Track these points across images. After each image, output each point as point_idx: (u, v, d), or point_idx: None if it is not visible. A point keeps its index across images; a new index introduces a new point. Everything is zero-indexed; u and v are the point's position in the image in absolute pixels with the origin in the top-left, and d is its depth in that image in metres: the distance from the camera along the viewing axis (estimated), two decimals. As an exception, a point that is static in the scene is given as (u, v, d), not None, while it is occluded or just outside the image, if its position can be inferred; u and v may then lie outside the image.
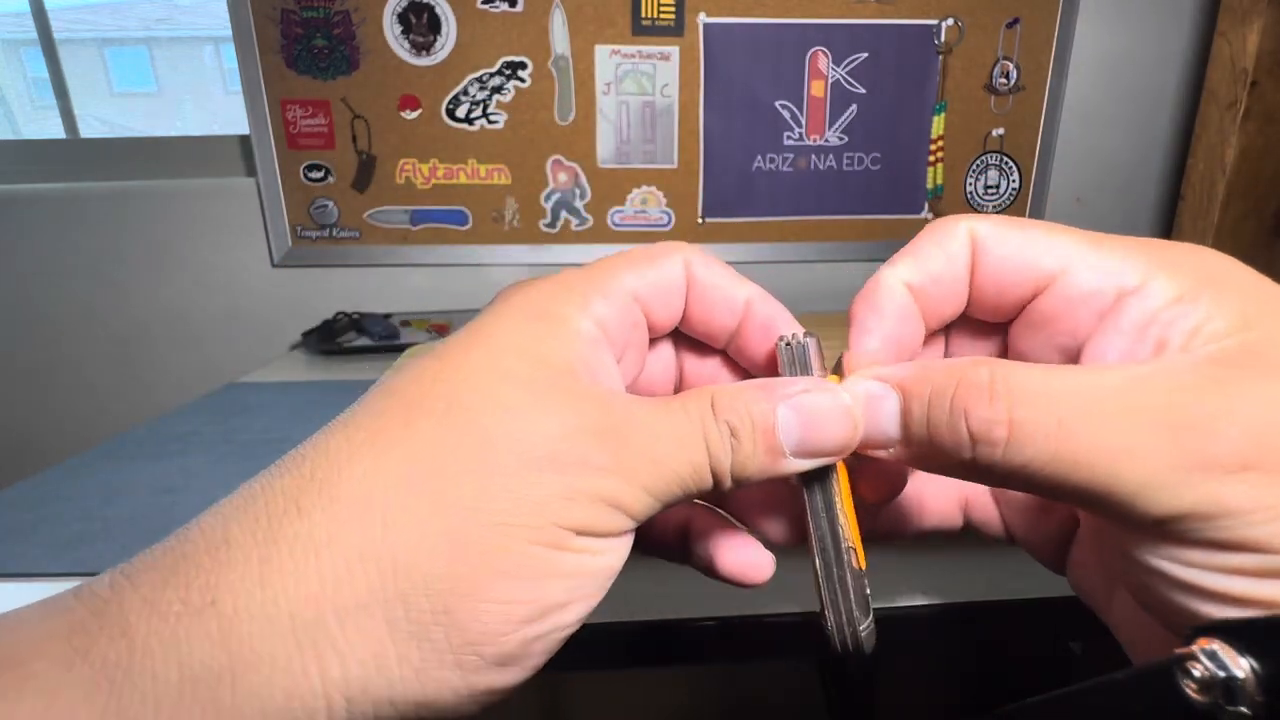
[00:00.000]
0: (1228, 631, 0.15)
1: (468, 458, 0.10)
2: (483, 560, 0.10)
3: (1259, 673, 0.14)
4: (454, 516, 0.10)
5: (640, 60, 0.65)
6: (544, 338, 0.11)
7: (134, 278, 0.71)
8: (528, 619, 0.10)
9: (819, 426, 0.11)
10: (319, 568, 0.10)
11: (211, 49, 2.58)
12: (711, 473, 0.11)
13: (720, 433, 0.11)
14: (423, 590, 0.10)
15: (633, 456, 0.11)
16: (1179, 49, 0.69)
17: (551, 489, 0.10)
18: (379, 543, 0.10)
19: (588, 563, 0.11)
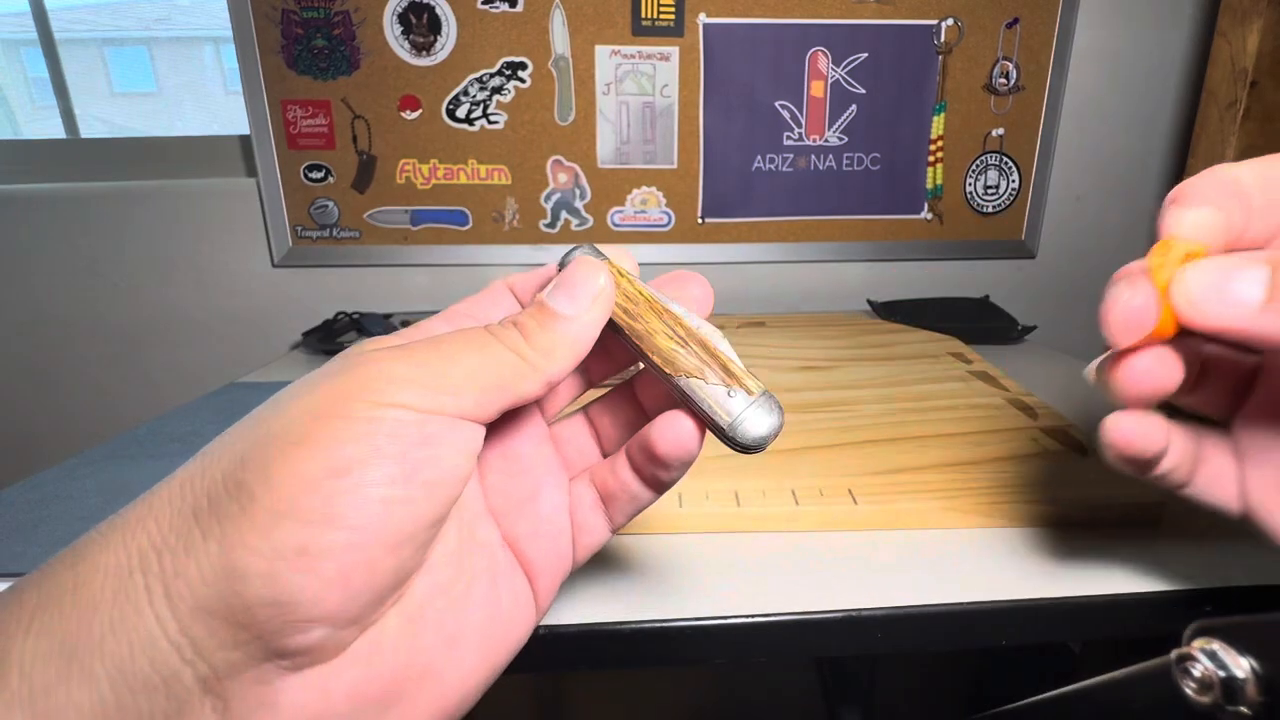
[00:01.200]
0: (1228, 631, 0.15)
1: (283, 402, 0.12)
2: (270, 440, 0.11)
3: (1259, 672, 0.14)
4: (259, 426, 0.12)
5: (640, 60, 0.65)
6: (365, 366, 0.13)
7: (134, 278, 0.71)
8: (321, 473, 0.11)
9: (574, 281, 0.14)
10: (151, 497, 0.12)
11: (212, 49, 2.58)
12: (512, 353, 0.13)
13: (503, 328, 0.14)
14: (220, 479, 0.11)
15: (435, 355, 0.13)
16: (1179, 49, 0.69)
17: (358, 377, 0.12)
18: (197, 466, 0.12)
19: (385, 432, 0.11)
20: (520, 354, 0.13)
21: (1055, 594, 0.24)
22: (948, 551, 0.26)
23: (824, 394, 0.39)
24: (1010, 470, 0.30)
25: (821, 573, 0.25)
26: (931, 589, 0.24)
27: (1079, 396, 0.44)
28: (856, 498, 0.28)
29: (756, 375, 0.15)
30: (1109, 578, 0.25)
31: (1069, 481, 0.29)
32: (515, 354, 0.13)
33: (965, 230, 0.72)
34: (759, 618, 0.23)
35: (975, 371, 0.43)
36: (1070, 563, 0.25)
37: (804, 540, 0.27)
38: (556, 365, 0.14)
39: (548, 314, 0.14)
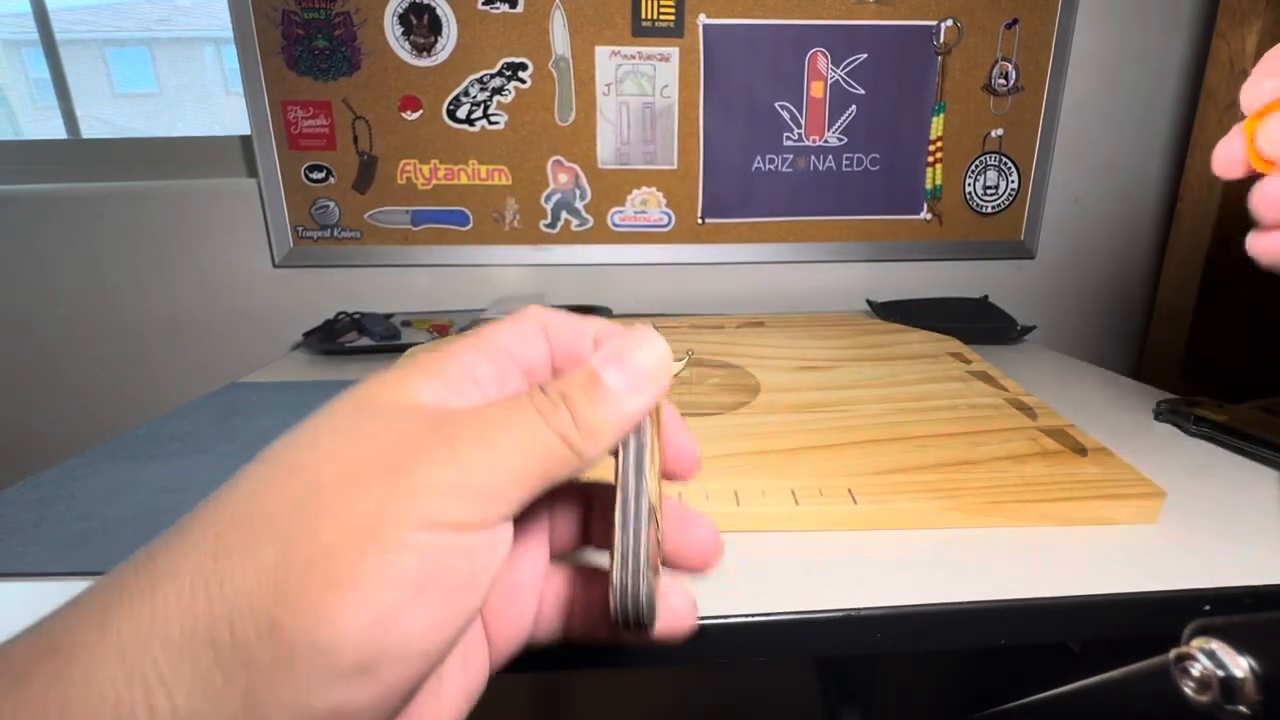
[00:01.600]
0: (1227, 631, 0.15)
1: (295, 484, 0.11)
2: (312, 573, 0.10)
3: (1258, 672, 0.14)
4: (281, 537, 0.10)
5: (640, 61, 0.65)
6: (402, 383, 0.12)
7: (135, 278, 0.71)
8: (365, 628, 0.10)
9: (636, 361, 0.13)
10: (152, 604, 0.10)
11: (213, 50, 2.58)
12: (558, 436, 0.12)
13: (551, 401, 0.12)
14: (246, 610, 0.10)
15: (463, 444, 0.11)
16: (1178, 50, 0.69)
17: (383, 491, 0.10)
18: (209, 571, 0.10)
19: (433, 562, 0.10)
20: (567, 439, 0.12)
21: (1055, 594, 0.24)
22: (947, 551, 0.26)
23: (824, 394, 0.39)
24: (1009, 470, 0.30)
25: (821, 572, 0.25)
26: (931, 589, 0.24)
27: (1078, 396, 0.44)
28: (856, 497, 0.28)
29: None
30: (1108, 578, 0.25)
31: (1068, 481, 0.29)
32: (561, 439, 0.12)
33: (964, 230, 0.72)
34: (759, 617, 0.23)
35: (974, 371, 0.43)
36: (1070, 563, 0.25)
37: (804, 540, 0.27)
38: (599, 449, 0.12)
39: (600, 391, 0.12)
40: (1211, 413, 0.36)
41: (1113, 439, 0.33)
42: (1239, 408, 0.36)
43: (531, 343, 0.15)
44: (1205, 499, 0.30)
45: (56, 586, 0.26)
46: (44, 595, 0.25)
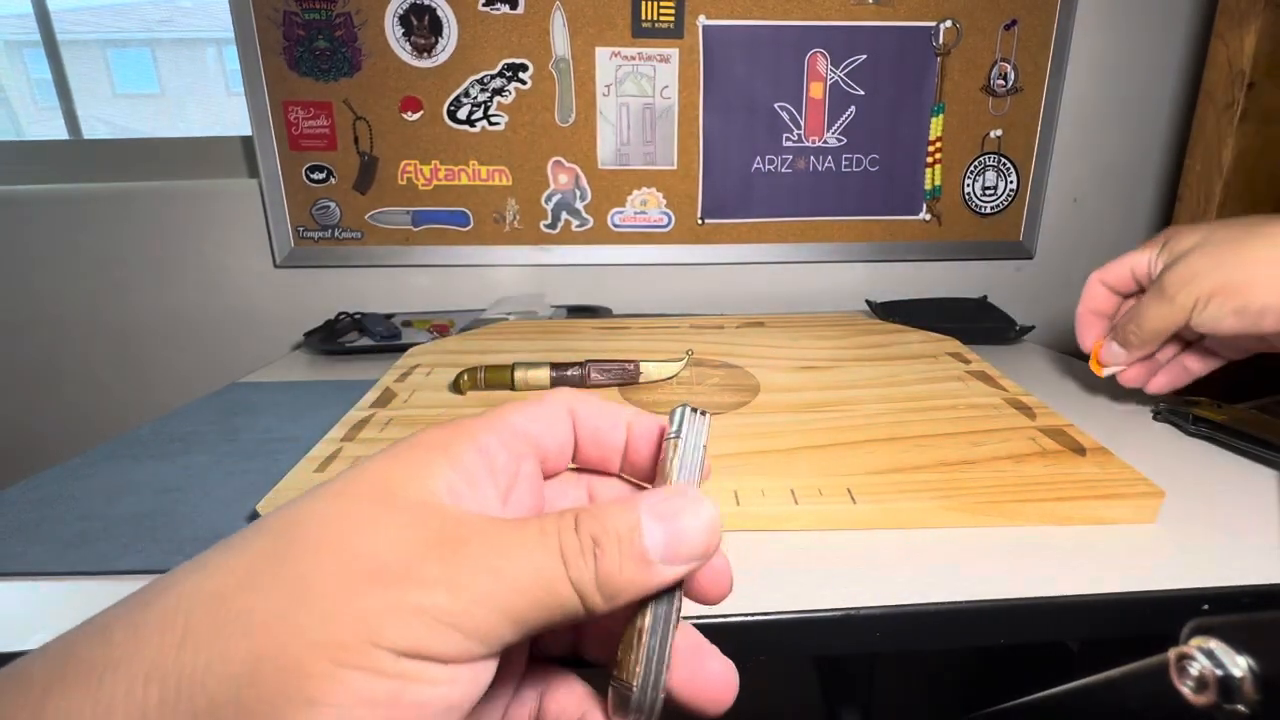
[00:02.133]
0: (1225, 630, 0.15)
1: (287, 572, 0.10)
2: (282, 683, 0.09)
3: (1256, 671, 0.14)
4: (260, 634, 0.09)
5: (640, 62, 0.65)
6: (410, 474, 0.11)
7: (136, 278, 0.71)
8: None
9: (685, 532, 0.11)
10: (98, 693, 0.09)
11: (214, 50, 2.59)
12: (573, 587, 0.10)
13: (581, 544, 0.11)
14: (206, 711, 0.09)
15: (471, 567, 0.10)
16: (1176, 51, 0.70)
17: (370, 604, 0.09)
18: (170, 661, 0.09)
19: (411, 692, 0.09)
20: (583, 593, 0.11)
21: (1053, 593, 0.24)
22: (946, 551, 0.26)
23: (823, 394, 0.39)
24: (1008, 470, 0.30)
25: (820, 572, 0.25)
26: (930, 588, 0.24)
27: (1077, 396, 0.44)
28: (855, 497, 0.28)
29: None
30: (1107, 577, 0.25)
31: (1067, 481, 0.29)
32: (577, 591, 0.11)
33: (964, 231, 0.72)
34: (758, 617, 0.23)
35: (974, 371, 0.43)
36: (1068, 562, 0.26)
37: (803, 540, 0.27)
38: (611, 609, 0.11)
39: (636, 550, 0.11)
40: (1210, 413, 0.36)
41: (1111, 439, 0.33)
42: (1237, 408, 0.36)
43: (554, 426, 0.14)
44: (1204, 499, 0.30)
45: (57, 586, 0.26)
46: (44, 595, 0.25)
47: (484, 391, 0.41)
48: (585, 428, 0.14)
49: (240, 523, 0.29)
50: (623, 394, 0.40)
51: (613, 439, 0.14)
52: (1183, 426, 0.37)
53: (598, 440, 0.14)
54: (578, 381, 0.41)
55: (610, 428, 0.14)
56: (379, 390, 0.41)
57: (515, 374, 0.40)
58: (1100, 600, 0.24)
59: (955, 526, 0.28)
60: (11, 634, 0.23)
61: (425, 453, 0.12)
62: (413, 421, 0.37)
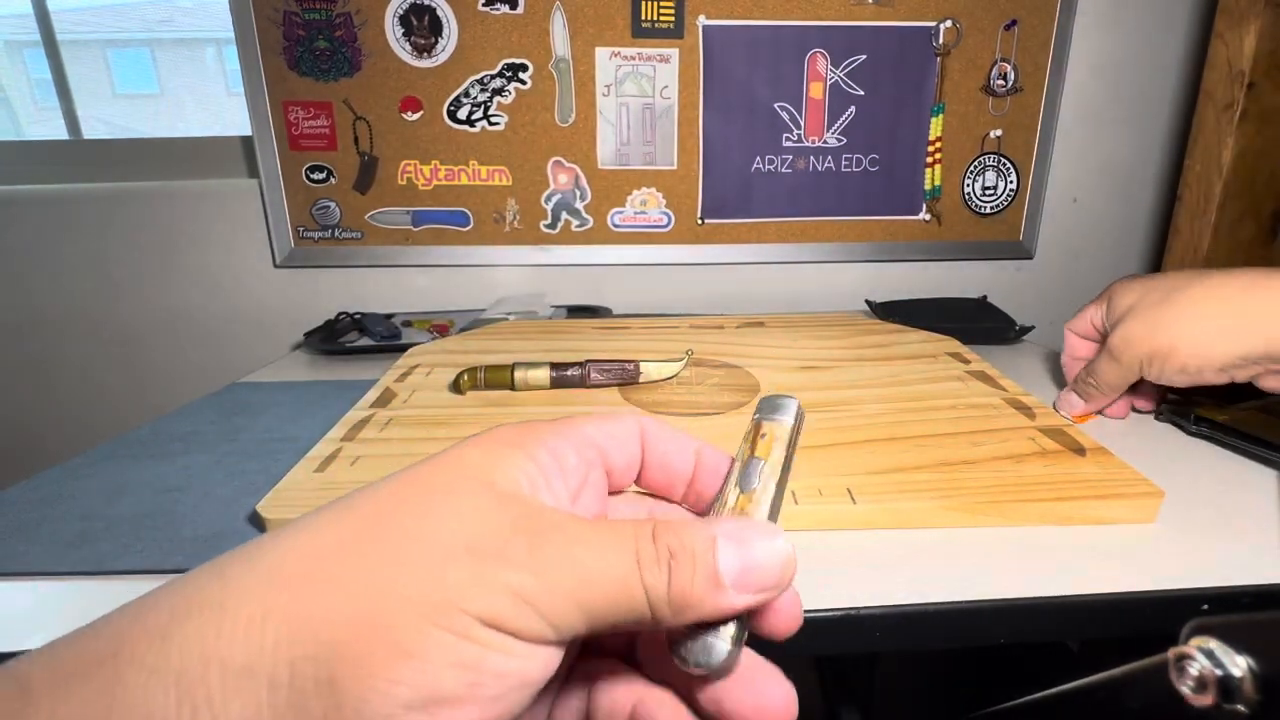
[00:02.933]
0: (1225, 630, 0.15)
1: (390, 542, 0.11)
2: (379, 635, 0.10)
3: (1255, 671, 0.14)
4: (362, 592, 0.10)
5: (640, 62, 0.65)
6: (495, 462, 0.12)
7: (136, 278, 0.71)
8: (412, 704, 0.10)
9: (759, 562, 0.11)
10: (219, 625, 0.10)
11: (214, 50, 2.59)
12: (645, 594, 0.11)
13: (657, 554, 0.11)
14: (312, 656, 0.09)
15: (554, 555, 0.11)
16: (1176, 51, 0.70)
17: (463, 574, 0.10)
18: (283, 607, 0.10)
19: (492, 660, 0.10)
20: (654, 601, 0.11)
21: (1053, 593, 0.24)
22: (946, 551, 0.26)
23: (823, 394, 0.39)
24: (1008, 470, 0.30)
25: (820, 572, 0.25)
26: (930, 588, 0.24)
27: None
28: (855, 497, 0.28)
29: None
30: (1107, 577, 0.25)
31: (1066, 481, 0.29)
32: (648, 598, 0.11)
33: (963, 231, 0.72)
34: (758, 616, 0.23)
35: (973, 371, 0.43)
36: (1068, 562, 0.26)
37: (803, 539, 0.27)
38: (677, 623, 0.11)
39: (710, 578, 0.11)
40: (1212, 412, 0.36)
41: (1113, 439, 0.33)
42: (1239, 407, 0.36)
43: (623, 444, 0.14)
44: (1204, 498, 0.30)
45: (57, 586, 0.26)
46: (44, 595, 0.25)
47: (484, 391, 0.41)
48: (654, 451, 0.14)
49: (240, 523, 0.29)
50: (623, 394, 0.40)
51: (680, 467, 0.15)
52: (1184, 426, 0.37)
53: (665, 465, 0.14)
54: (577, 382, 0.41)
55: (679, 455, 0.14)
56: (379, 390, 0.41)
57: (515, 374, 0.40)
58: (1100, 600, 0.24)
59: (955, 526, 0.28)
60: (11, 634, 0.23)
61: (503, 447, 0.12)
62: (413, 421, 0.37)
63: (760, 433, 0.14)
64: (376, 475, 0.12)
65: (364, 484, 0.12)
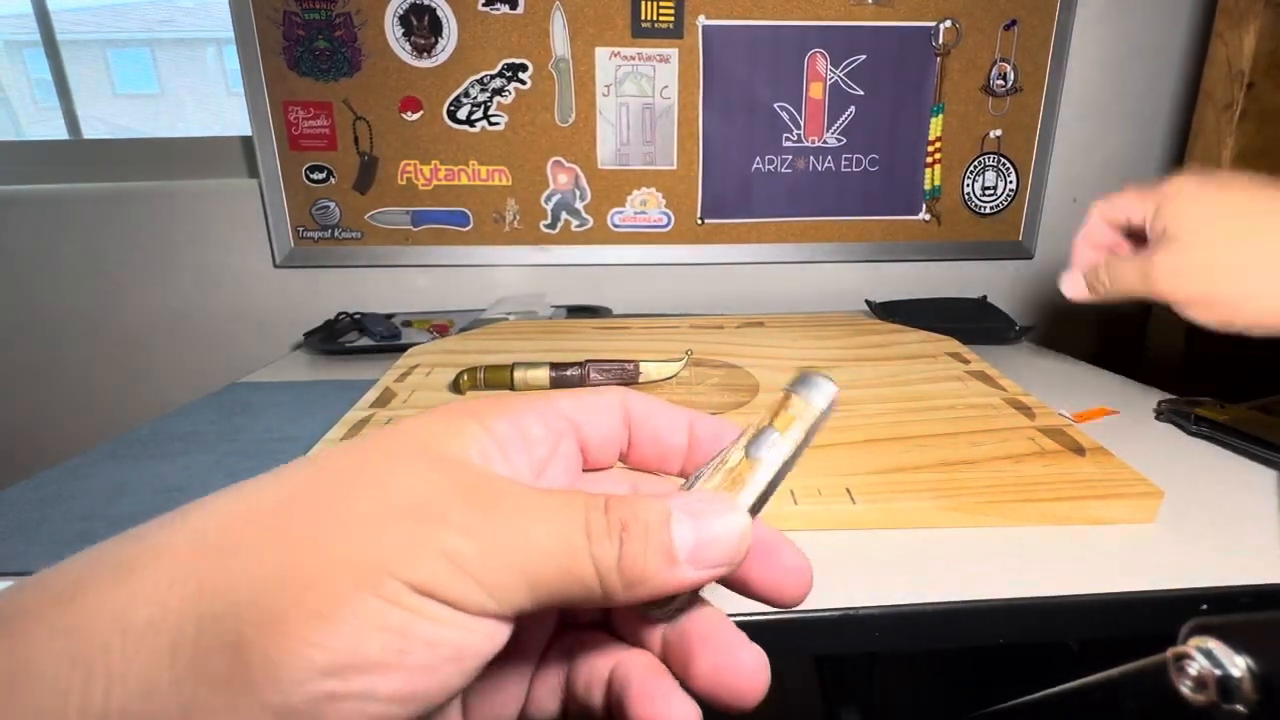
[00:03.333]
0: (1224, 630, 0.15)
1: (322, 505, 0.10)
2: (293, 595, 0.09)
3: (1255, 671, 0.14)
4: (287, 550, 0.09)
5: (640, 62, 0.65)
6: (445, 432, 0.11)
7: (136, 278, 0.71)
8: (328, 669, 0.09)
9: (715, 537, 0.11)
10: (129, 588, 0.09)
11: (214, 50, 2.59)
12: (595, 567, 0.10)
13: (608, 525, 0.11)
14: (219, 615, 0.09)
15: (499, 523, 0.10)
16: (1176, 51, 0.70)
17: (398, 536, 0.10)
18: (196, 568, 0.09)
19: (421, 628, 0.09)
20: (603, 574, 0.10)
21: (1053, 593, 0.24)
22: (945, 551, 0.26)
23: (823, 394, 0.39)
24: (1007, 470, 0.30)
25: (820, 572, 0.25)
26: (930, 588, 0.24)
27: (1077, 396, 0.44)
28: (855, 497, 0.28)
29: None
30: (1106, 577, 0.25)
31: (1066, 481, 0.29)
32: (598, 571, 0.10)
33: (963, 231, 0.72)
34: (758, 617, 0.23)
35: (973, 371, 0.43)
36: (1068, 562, 0.26)
37: (802, 540, 0.27)
38: (626, 600, 0.11)
39: (663, 553, 0.11)
40: (1212, 412, 0.36)
41: (1113, 438, 0.33)
42: (1239, 407, 0.36)
43: (601, 418, 0.14)
44: (1204, 498, 0.30)
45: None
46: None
47: (484, 391, 0.41)
48: (642, 426, 0.14)
49: (240, 523, 0.29)
50: (622, 394, 0.40)
51: (673, 440, 0.14)
52: (1184, 426, 0.37)
53: (656, 439, 0.14)
54: (577, 381, 0.41)
55: (670, 428, 0.14)
56: (379, 390, 0.41)
57: (515, 374, 0.40)
58: (1099, 600, 0.24)
59: (955, 526, 0.28)
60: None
61: (459, 417, 0.12)
62: (413, 421, 0.37)
63: (787, 406, 0.13)
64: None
65: None
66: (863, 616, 0.23)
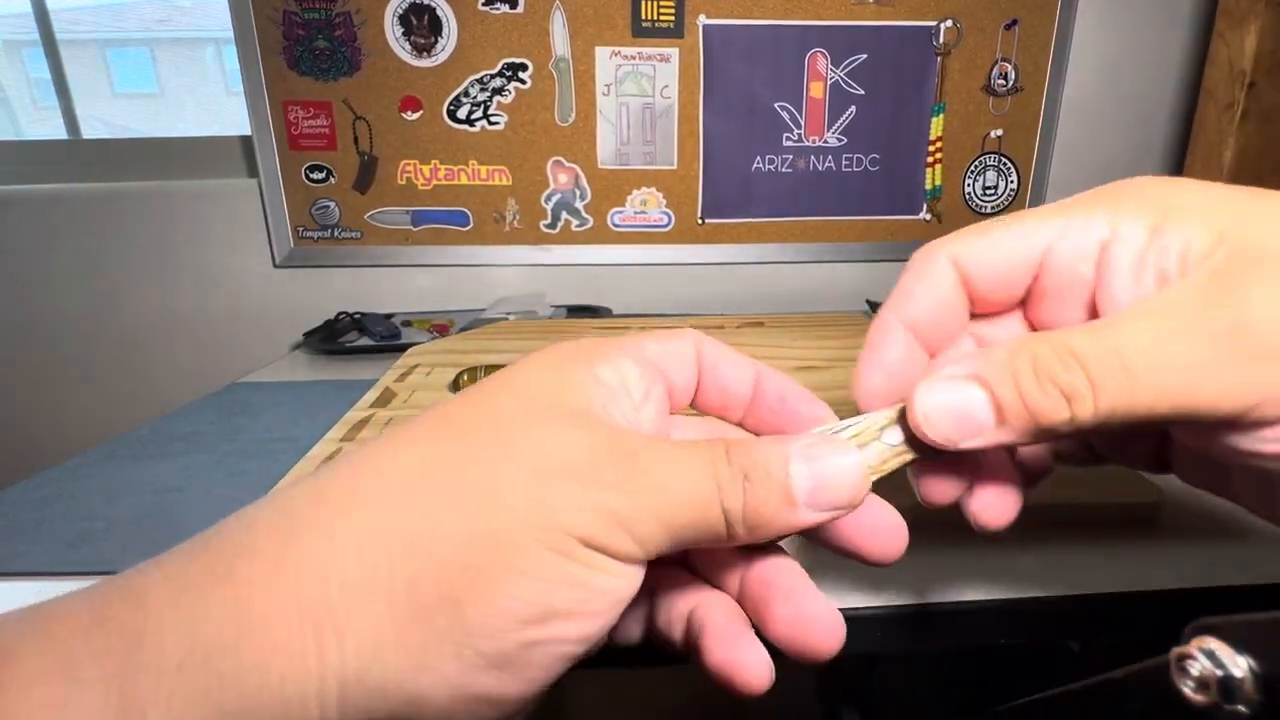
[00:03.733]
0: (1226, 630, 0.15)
1: (489, 461, 0.11)
2: (494, 554, 0.10)
3: (1257, 671, 0.14)
4: (471, 509, 0.10)
5: (640, 62, 0.65)
6: (565, 383, 0.12)
7: (136, 278, 0.71)
8: (531, 620, 0.10)
9: (831, 479, 0.12)
10: (331, 545, 0.10)
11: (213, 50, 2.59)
12: (723, 513, 0.11)
13: (732, 474, 0.11)
14: (432, 575, 0.10)
15: (642, 479, 0.11)
16: (1177, 50, 0.70)
17: (564, 496, 0.11)
18: (393, 524, 0.10)
19: (594, 578, 0.11)
20: (730, 521, 0.11)
21: (1054, 594, 0.24)
22: (947, 551, 0.26)
23: (823, 394, 0.39)
24: (1009, 470, 0.30)
25: (820, 572, 0.25)
26: (930, 588, 0.24)
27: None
28: (856, 497, 0.28)
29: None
30: (1108, 578, 0.25)
31: (1068, 481, 0.29)
32: (726, 518, 0.11)
33: (965, 231, 0.72)
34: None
35: (975, 372, 0.42)
36: (1069, 563, 0.26)
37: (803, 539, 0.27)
38: (750, 539, 0.12)
39: (783, 497, 0.11)
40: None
41: (1112, 439, 0.33)
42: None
43: (681, 363, 0.14)
44: (1204, 498, 0.30)
45: (57, 586, 0.26)
46: (44, 595, 0.25)
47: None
48: (709, 369, 0.14)
49: (240, 523, 0.29)
50: (623, 394, 0.40)
51: (738, 389, 0.15)
52: (1183, 426, 0.37)
53: (721, 387, 0.14)
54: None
55: (736, 376, 0.14)
56: (379, 390, 0.41)
57: (515, 374, 0.40)
58: (1101, 601, 0.24)
59: (955, 527, 0.28)
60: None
61: (573, 366, 0.12)
62: (413, 421, 0.37)
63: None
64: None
65: None
66: (863, 617, 0.23)
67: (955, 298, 0.14)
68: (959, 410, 0.12)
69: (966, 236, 0.14)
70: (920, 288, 0.14)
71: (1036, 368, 0.11)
